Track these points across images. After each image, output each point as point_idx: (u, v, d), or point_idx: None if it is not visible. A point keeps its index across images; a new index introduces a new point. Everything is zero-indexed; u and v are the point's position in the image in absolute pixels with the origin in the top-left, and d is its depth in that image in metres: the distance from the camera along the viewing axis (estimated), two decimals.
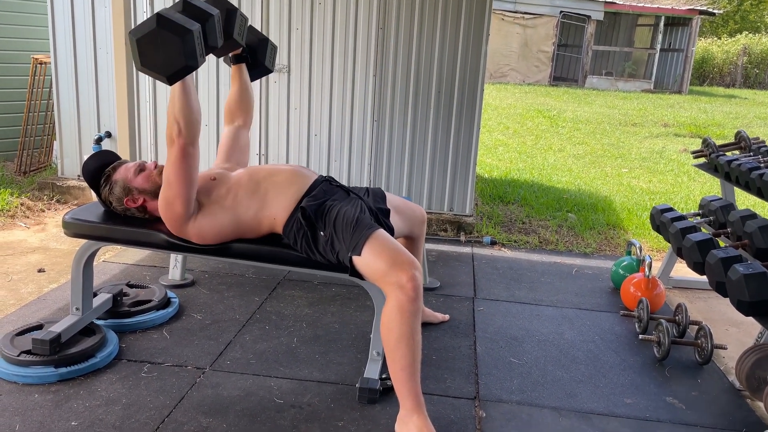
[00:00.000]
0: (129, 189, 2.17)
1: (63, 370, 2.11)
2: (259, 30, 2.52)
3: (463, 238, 4.00)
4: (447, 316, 2.79)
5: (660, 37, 17.34)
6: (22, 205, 4.02)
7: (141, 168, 2.20)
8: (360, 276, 2.01)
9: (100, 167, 2.23)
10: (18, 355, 2.11)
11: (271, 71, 2.59)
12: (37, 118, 4.88)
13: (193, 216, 2.07)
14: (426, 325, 2.64)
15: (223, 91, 4.02)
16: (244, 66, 2.49)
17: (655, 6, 17.08)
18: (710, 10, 17.45)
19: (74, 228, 2.20)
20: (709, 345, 2.47)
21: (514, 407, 2.14)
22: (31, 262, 3.18)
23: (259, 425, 1.93)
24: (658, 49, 17.32)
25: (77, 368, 2.13)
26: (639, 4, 17.05)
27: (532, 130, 9.12)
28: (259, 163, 4.11)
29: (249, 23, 2.39)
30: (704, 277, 2.74)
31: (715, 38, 23.36)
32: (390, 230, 2.17)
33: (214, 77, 4.02)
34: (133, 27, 1.93)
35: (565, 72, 17.68)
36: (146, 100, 4.07)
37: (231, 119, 2.50)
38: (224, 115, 2.53)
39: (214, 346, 2.42)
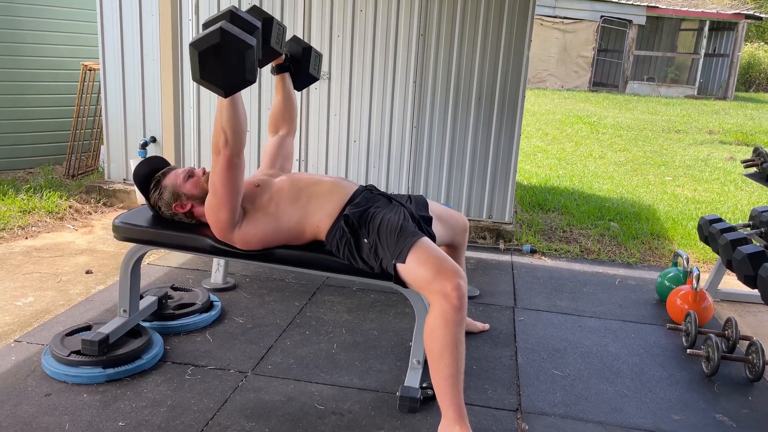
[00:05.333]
0: (178, 194, 2.22)
1: (110, 370, 2.16)
2: (302, 38, 2.55)
3: (502, 246, 3.96)
4: (487, 326, 2.77)
5: (704, 41, 16.92)
6: (70, 207, 4.14)
7: (190, 174, 2.24)
8: (403, 283, 2.00)
9: (150, 172, 2.28)
10: (68, 355, 2.17)
11: (317, 79, 2.61)
12: (86, 123, 5.02)
13: (238, 223, 2.10)
14: (466, 334, 2.60)
15: (265, 98, 4.08)
16: (287, 75, 2.52)
17: (700, 10, 16.68)
18: (757, 14, 16.95)
19: (123, 232, 2.26)
20: (761, 361, 2.39)
21: (557, 420, 2.10)
22: (79, 264, 3.27)
23: (301, 431, 1.94)
24: (702, 54, 16.90)
25: (124, 369, 2.18)
26: (683, 8, 16.68)
27: (571, 137, 8.99)
28: (299, 169, 4.15)
29: (292, 33, 2.41)
30: (755, 291, 2.65)
31: (762, 43, 22.66)
32: (432, 238, 2.17)
33: (256, 84, 4.08)
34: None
35: (605, 77, 17.39)
36: (190, 106, 4.15)
37: (275, 128, 2.54)
38: (268, 124, 2.56)
39: (256, 350, 2.45)
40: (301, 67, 2.53)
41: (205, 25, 2.03)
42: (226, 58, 1.79)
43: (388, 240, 1.99)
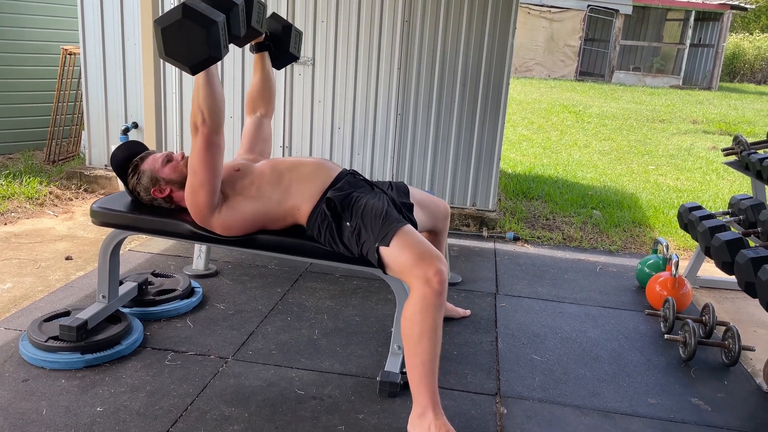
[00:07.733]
0: (156, 179, 2.19)
1: (89, 356, 2.15)
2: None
3: (485, 233, 3.97)
4: (468, 312, 2.78)
5: (690, 32, 17.02)
6: (50, 193, 4.10)
7: (168, 159, 2.21)
8: (384, 267, 2.00)
9: (128, 157, 2.26)
10: (46, 341, 2.15)
11: (297, 58, 2.56)
12: (66, 108, 4.95)
13: (217, 207, 2.08)
14: (447, 320, 2.63)
15: (249, 80, 4.04)
16: (266, 54, 2.48)
17: (686, 0, 16.75)
18: (742, 5, 17.05)
19: (101, 217, 2.23)
20: (737, 346, 2.43)
21: (535, 404, 2.12)
22: (59, 250, 3.24)
23: (280, 416, 1.95)
24: (688, 45, 17.00)
25: (103, 355, 2.17)
26: None
27: (557, 126, 9.02)
28: (283, 156, 4.13)
29: (271, 11, 2.38)
30: (732, 277, 2.69)
31: (747, 34, 22.82)
32: (414, 225, 2.17)
33: (240, 67, 4.04)
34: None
35: (591, 67, 17.45)
36: (173, 92, 4.11)
37: (253, 109, 2.51)
38: (246, 104, 2.53)
39: (237, 336, 2.44)
40: (281, 45, 2.48)
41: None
42: (189, 35, 1.77)
43: (373, 224, 1.99)
